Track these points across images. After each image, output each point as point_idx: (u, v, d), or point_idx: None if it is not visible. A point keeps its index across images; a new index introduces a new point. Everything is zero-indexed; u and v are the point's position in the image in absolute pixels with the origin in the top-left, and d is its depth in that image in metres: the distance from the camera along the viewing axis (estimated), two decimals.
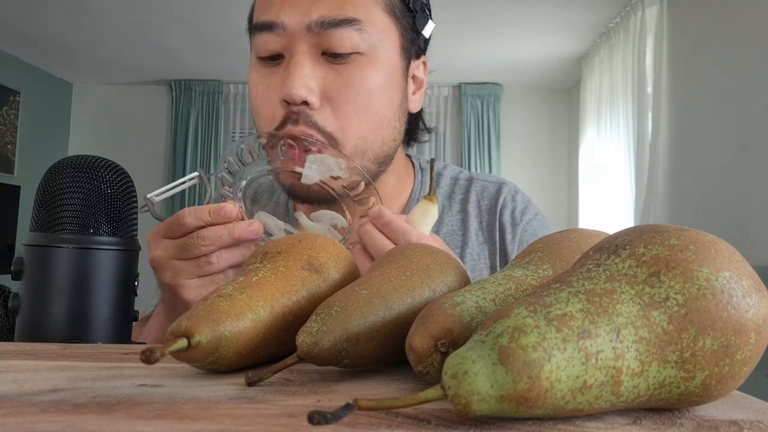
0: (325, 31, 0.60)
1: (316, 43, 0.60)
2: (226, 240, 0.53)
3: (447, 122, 4.79)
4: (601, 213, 3.50)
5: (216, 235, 0.53)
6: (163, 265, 0.54)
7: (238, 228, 0.54)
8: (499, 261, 0.74)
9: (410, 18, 0.67)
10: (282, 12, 0.60)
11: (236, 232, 0.54)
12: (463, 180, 0.80)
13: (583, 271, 0.24)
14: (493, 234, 0.75)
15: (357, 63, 0.61)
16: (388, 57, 0.64)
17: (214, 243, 0.53)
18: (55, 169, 0.44)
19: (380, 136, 0.64)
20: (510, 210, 0.76)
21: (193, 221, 0.53)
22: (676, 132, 2.69)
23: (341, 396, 0.27)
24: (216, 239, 0.53)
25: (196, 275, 0.54)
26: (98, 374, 0.29)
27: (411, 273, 0.32)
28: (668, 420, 0.24)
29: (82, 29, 3.76)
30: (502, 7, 3.25)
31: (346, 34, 0.60)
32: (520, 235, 0.74)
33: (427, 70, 0.74)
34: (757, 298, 0.23)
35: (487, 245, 0.75)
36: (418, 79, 0.72)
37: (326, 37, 0.60)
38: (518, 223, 0.75)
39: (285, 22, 0.60)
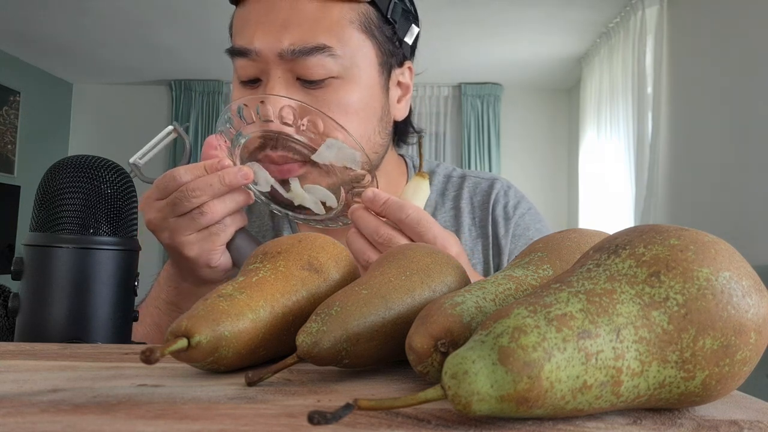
0: (297, 59, 0.60)
1: (290, 68, 0.61)
2: (217, 188, 0.53)
3: (447, 122, 4.79)
4: (601, 213, 3.50)
5: (206, 184, 0.53)
6: (159, 226, 0.55)
7: (228, 174, 0.54)
8: (492, 255, 0.74)
9: (389, 29, 0.66)
10: (255, 38, 0.60)
11: (227, 178, 0.53)
12: (456, 177, 0.80)
13: (583, 271, 0.24)
14: (486, 229, 0.75)
15: (332, 86, 0.61)
16: (365, 75, 0.64)
17: (205, 193, 0.53)
18: (55, 169, 0.44)
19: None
20: (503, 204, 0.76)
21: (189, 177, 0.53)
22: (676, 132, 2.69)
23: (341, 396, 0.27)
24: (206, 188, 0.53)
25: (193, 230, 0.54)
26: (98, 374, 0.29)
27: (411, 273, 0.32)
28: (668, 420, 0.24)
29: (82, 29, 3.76)
30: (502, 7, 3.25)
31: (318, 61, 0.60)
32: (513, 228, 0.74)
33: (413, 73, 0.73)
34: (757, 298, 0.23)
35: (480, 240, 0.75)
36: (403, 85, 0.71)
37: (299, 64, 0.60)
38: (511, 217, 0.75)
39: (258, 49, 0.60)
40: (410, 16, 0.70)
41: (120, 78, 4.83)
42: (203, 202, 0.53)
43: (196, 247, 0.55)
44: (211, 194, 0.53)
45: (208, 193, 0.53)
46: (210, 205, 0.53)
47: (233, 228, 0.56)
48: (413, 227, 0.51)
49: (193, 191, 0.53)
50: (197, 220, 0.53)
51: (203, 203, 0.53)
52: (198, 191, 0.53)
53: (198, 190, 0.53)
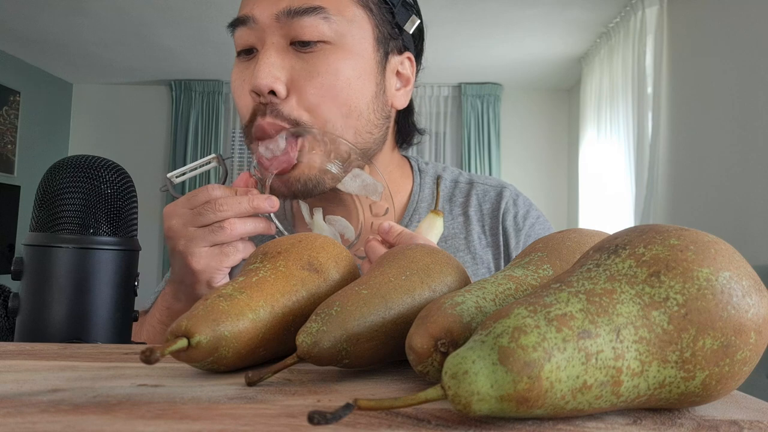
0: (292, 20, 0.61)
1: (285, 33, 0.62)
2: (243, 207, 0.56)
3: (447, 122, 4.79)
4: (601, 213, 3.50)
5: (235, 202, 0.55)
6: (177, 233, 0.56)
7: (257, 198, 0.56)
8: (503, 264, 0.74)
9: (387, 11, 0.68)
10: (254, 6, 0.63)
11: (254, 201, 0.56)
12: (463, 183, 0.80)
13: (583, 271, 0.24)
14: (496, 238, 0.75)
15: (324, 51, 0.63)
16: (359, 47, 0.65)
17: (230, 209, 0.55)
18: (55, 169, 0.44)
19: (352, 125, 0.65)
20: (513, 215, 0.76)
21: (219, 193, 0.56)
22: (676, 132, 2.69)
23: (341, 396, 0.27)
24: (234, 205, 0.55)
25: (208, 243, 0.56)
26: (98, 374, 0.29)
27: (411, 273, 0.32)
28: (668, 420, 0.24)
29: (82, 29, 3.76)
30: (502, 7, 3.25)
31: (312, 21, 0.61)
32: (524, 239, 0.74)
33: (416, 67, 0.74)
34: (757, 298, 0.23)
35: (490, 249, 0.75)
36: (403, 76, 0.72)
37: (293, 26, 0.61)
38: (521, 228, 0.75)
39: (255, 15, 0.62)
40: (410, 8, 0.71)
41: (120, 78, 4.83)
42: (226, 217, 0.55)
43: (203, 262, 0.56)
44: (236, 212, 0.55)
45: (234, 210, 0.55)
46: (230, 222, 0.55)
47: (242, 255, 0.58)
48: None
49: (220, 205, 0.55)
50: (215, 233, 0.55)
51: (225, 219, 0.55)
52: (225, 206, 0.55)
53: (225, 205, 0.55)
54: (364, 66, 0.65)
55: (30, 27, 3.75)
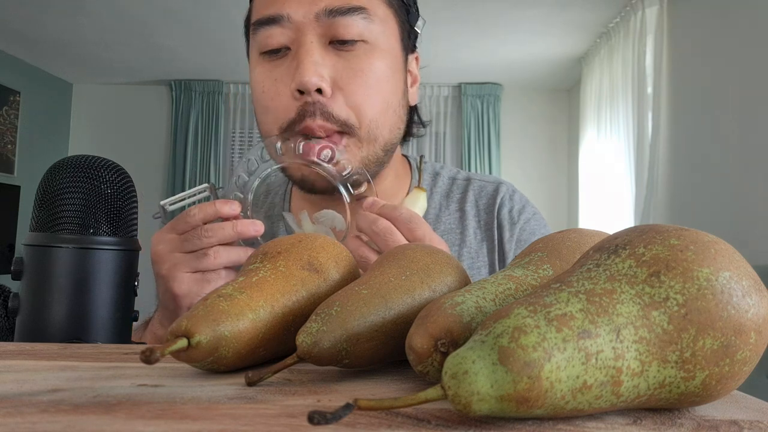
0: (333, 19, 0.61)
1: (324, 32, 0.62)
2: (228, 233, 0.55)
3: (447, 122, 4.79)
4: (601, 213, 3.50)
5: (219, 228, 0.55)
6: (163, 258, 0.56)
7: (241, 224, 0.56)
8: (497, 258, 0.75)
9: (404, 12, 0.69)
10: (287, 5, 0.62)
11: (239, 227, 0.56)
12: (460, 180, 0.81)
13: (583, 271, 0.24)
14: (491, 232, 0.76)
15: (363, 50, 0.63)
16: (390, 46, 0.66)
17: (215, 235, 0.55)
18: (55, 169, 0.44)
19: (389, 121, 0.66)
20: (508, 209, 0.76)
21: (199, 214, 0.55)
22: (676, 132, 2.69)
23: (341, 396, 0.27)
24: (218, 231, 0.55)
25: (191, 268, 0.56)
26: (98, 374, 0.29)
27: (411, 273, 0.32)
28: (668, 420, 0.24)
29: (82, 29, 3.76)
30: (502, 7, 3.25)
31: (353, 21, 0.62)
32: (518, 234, 0.75)
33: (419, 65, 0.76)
34: (757, 298, 0.23)
35: (485, 243, 0.75)
36: (412, 74, 0.74)
37: (334, 25, 0.62)
38: (516, 222, 0.76)
39: (291, 14, 0.62)
40: (417, 10, 0.73)
41: (120, 78, 4.83)
42: (211, 244, 0.55)
43: (185, 287, 0.56)
44: (221, 238, 0.55)
45: (218, 237, 0.55)
46: (215, 250, 0.55)
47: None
48: (405, 224, 0.54)
49: (205, 231, 0.55)
50: (199, 259, 0.55)
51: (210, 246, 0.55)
52: (210, 232, 0.55)
53: (210, 231, 0.55)
54: (395, 64, 0.67)
55: (30, 27, 3.75)
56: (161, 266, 0.56)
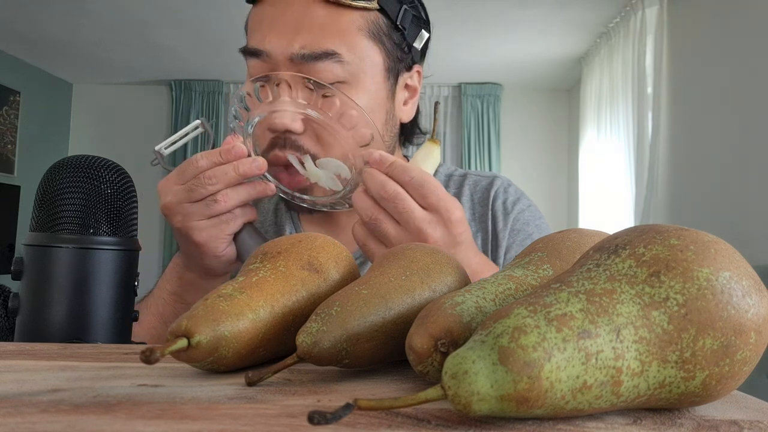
0: (306, 63, 0.61)
1: (298, 71, 0.62)
2: (231, 176, 0.55)
3: (447, 122, 4.79)
4: (601, 213, 3.50)
5: (222, 173, 0.55)
6: (173, 210, 0.56)
7: (243, 164, 0.56)
8: (491, 249, 0.75)
9: (398, 36, 0.68)
10: (267, 41, 0.62)
11: (241, 168, 0.56)
12: (457, 176, 0.81)
13: (583, 271, 0.24)
14: (485, 224, 0.76)
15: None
16: (370, 81, 0.65)
17: (220, 181, 0.55)
18: (55, 169, 0.44)
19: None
20: (502, 200, 0.77)
21: (205, 163, 0.55)
22: (676, 132, 2.69)
23: (341, 396, 0.27)
24: (222, 176, 0.55)
25: (204, 216, 0.56)
26: (98, 374, 0.29)
27: (411, 273, 0.32)
28: (668, 420, 0.24)
29: (82, 29, 3.76)
30: (502, 7, 3.25)
31: (326, 66, 0.61)
32: (511, 223, 0.75)
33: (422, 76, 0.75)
34: (757, 298, 0.23)
35: (480, 234, 0.76)
36: (411, 87, 0.73)
37: (307, 68, 0.61)
38: (510, 212, 0.76)
39: (269, 51, 0.62)
40: (421, 22, 0.71)
41: (120, 78, 4.83)
42: (218, 189, 0.55)
43: (205, 234, 0.56)
44: (226, 182, 0.55)
45: (223, 182, 0.55)
46: (223, 194, 0.55)
47: (242, 219, 0.58)
48: (417, 189, 0.52)
49: (209, 179, 0.55)
50: (210, 206, 0.55)
51: (217, 191, 0.55)
52: (214, 179, 0.55)
53: (214, 177, 0.55)
54: (376, 99, 0.66)
55: (30, 27, 3.75)
56: (174, 218, 0.57)
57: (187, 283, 0.63)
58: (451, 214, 0.52)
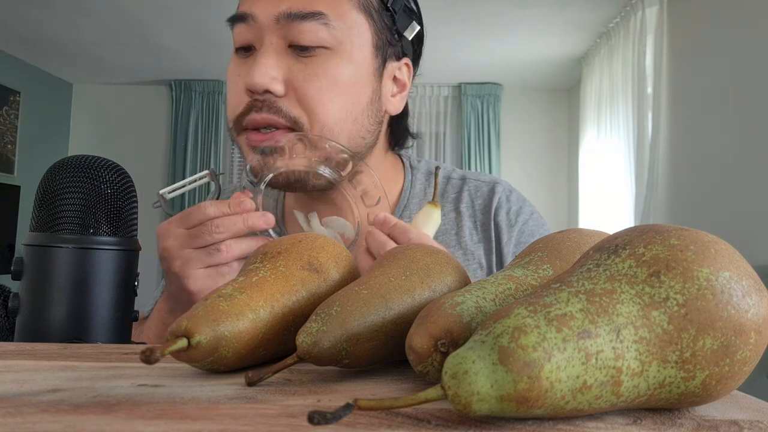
0: (291, 23, 0.61)
1: (284, 35, 0.62)
2: (239, 228, 0.55)
3: (447, 122, 4.79)
4: (601, 213, 3.50)
5: (230, 223, 0.55)
6: (173, 254, 0.56)
7: (252, 217, 0.56)
8: (495, 261, 0.74)
9: (388, 17, 0.68)
10: (254, 4, 0.62)
11: (250, 220, 0.55)
12: (455, 179, 0.80)
13: (583, 271, 0.24)
14: (488, 234, 0.75)
15: (323, 56, 0.63)
16: (357, 53, 0.65)
17: (227, 230, 0.55)
18: (55, 169, 0.44)
19: (346, 130, 0.65)
20: (505, 211, 0.75)
21: (213, 211, 0.55)
22: (676, 132, 2.69)
23: (341, 396, 0.27)
24: (229, 226, 0.55)
25: (204, 264, 0.55)
26: (98, 374, 0.29)
27: (411, 273, 0.32)
28: (668, 420, 0.24)
29: (82, 29, 3.76)
30: (502, 7, 3.25)
31: (311, 27, 0.61)
32: (516, 236, 0.74)
33: (413, 73, 0.74)
34: (757, 298, 0.23)
35: (482, 244, 0.74)
36: (399, 81, 0.72)
37: (293, 29, 0.61)
38: (514, 224, 0.75)
39: (255, 14, 0.62)
40: (412, 14, 0.71)
41: (120, 78, 4.83)
42: (223, 239, 0.55)
43: (200, 283, 0.55)
44: (233, 233, 0.55)
45: (230, 232, 0.55)
46: (227, 244, 0.55)
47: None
48: None
49: (216, 227, 0.54)
50: (212, 255, 0.55)
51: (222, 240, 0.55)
52: (221, 227, 0.54)
53: (221, 226, 0.54)
54: (361, 72, 0.65)
55: (30, 27, 3.75)
56: (173, 263, 0.56)
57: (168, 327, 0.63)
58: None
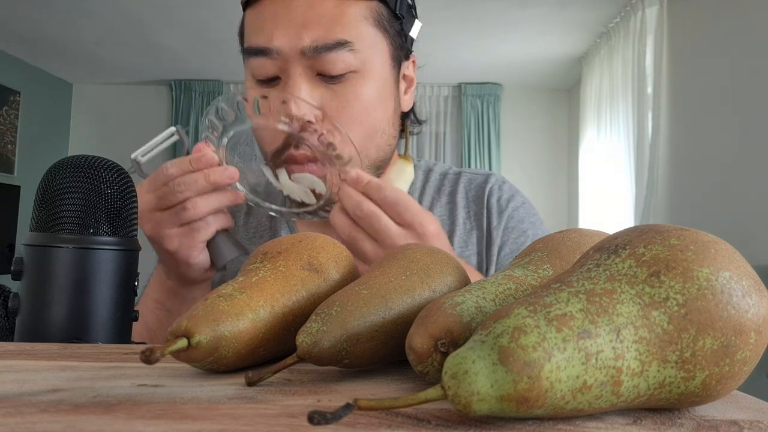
0: (318, 55, 0.61)
1: (311, 65, 0.62)
2: (201, 185, 0.54)
3: (447, 122, 4.79)
4: (601, 213, 3.50)
5: (192, 181, 0.54)
6: (144, 218, 0.56)
7: (214, 173, 0.55)
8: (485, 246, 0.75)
9: (398, 24, 0.69)
10: (275, 38, 0.62)
11: (211, 176, 0.55)
12: (452, 174, 0.82)
13: (583, 271, 0.24)
14: (480, 221, 0.76)
15: (351, 81, 0.63)
16: (380, 69, 0.66)
17: (189, 189, 0.54)
18: (55, 169, 0.44)
19: (375, 144, 0.67)
20: (496, 197, 0.77)
21: (175, 171, 0.54)
22: (676, 132, 2.69)
23: (341, 396, 0.27)
24: (191, 184, 0.54)
25: (174, 224, 0.55)
26: (98, 374, 0.29)
27: (411, 273, 0.32)
28: (668, 420, 0.24)
29: (82, 29, 3.76)
30: (502, 6, 3.25)
31: (338, 56, 0.62)
32: (506, 221, 0.75)
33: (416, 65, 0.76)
34: (757, 298, 0.23)
35: (474, 232, 0.76)
36: (408, 78, 0.74)
37: (320, 60, 0.62)
38: (504, 209, 0.76)
39: (279, 48, 0.62)
40: (413, 10, 0.73)
41: (120, 78, 4.83)
42: (187, 197, 0.54)
43: (176, 241, 0.56)
44: (196, 191, 0.54)
45: (193, 190, 0.54)
46: (193, 201, 0.55)
47: (215, 227, 0.57)
48: (392, 206, 0.53)
49: (178, 186, 0.54)
50: (180, 214, 0.55)
51: (187, 199, 0.54)
52: (183, 186, 0.54)
53: (183, 185, 0.54)
54: (385, 86, 0.67)
55: (30, 27, 3.75)
56: (145, 226, 0.56)
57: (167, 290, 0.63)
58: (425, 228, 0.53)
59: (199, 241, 0.56)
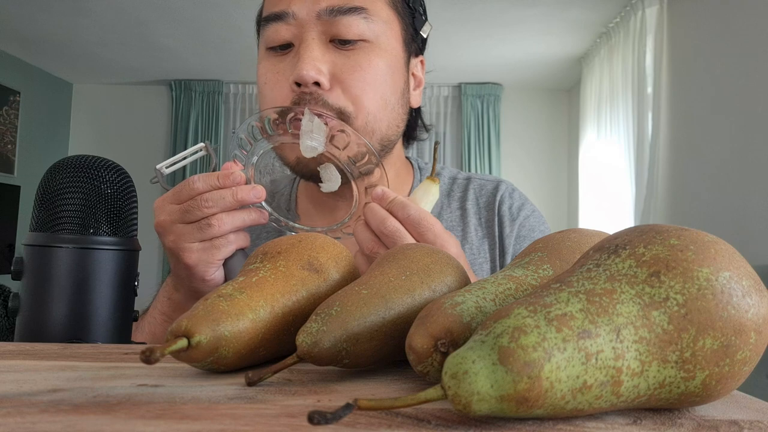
0: (334, 19, 0.63)
1: (325, 30, 0.64)
2: (228, 202, 0.55)
3: (447, 122, 4.79)
4: (601, 213, 3.50)
5: (219, 197, 0.54)
6: (167, 229, 0.56)
7: (241, 191, 0.55)
8: (498, 254, 0.76)
9: (410, 15, 0.71)
10: (292, 3, 0.64)
11: (239, 194, 0.55)
12: (461, 179, 0.83)
13: (583, 271, 0.24)
14: (492, 229, 0.77)
15: (363, 49, 0.65)
16: (392, 46, 0.68)
17: (216, 205, 0.54)
18: (55, 169, 0.44)
19: (386, 118, 0.67)
20: (508, 205, 0.78)
21: (202, 186, 0.55)
22: (676, 132, 2.69)
23: (341, 396, 0.27)
24: (219, 201, 0.54)
25: (197, 239, 0.55)
26: (98, 374, 0.29)
27: (411, 273, 0.32)
28: (668, 420, 0.24)
29: (82, 29, 3.76)
30: (501, 7, 3.25)
31: (353, 21, 0.64)
32: (517, 230, 0.76)
33: (425, 69, 0.77)
34: (757, 298, 0.23)
35: (486, 240, 0.77)
36: (416, 77, 0.75)
37: (335, 24, 0.63)
38: (516, 218, 0.77)
39: (295, 12, 0.64)
40: (425, 15, 0.75)
41: (120, 78, 4.83)
42: (213, 213, 0.54)
43: (195, 256, 0.55)
44: (222, 207, 0.55)
45: (219, 206, 0.54)
46: (218, 218, 0.55)
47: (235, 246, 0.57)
48: (415, 226, 0.53)
49: (205, 201, 0.54)
50: (203, 230, 0.55)
51: (212, 215, 0.54)
52: (210, 202, 0.54)
53: (210, 201, 0.54)
54: (395, 63, 0.68)
55: (30, 27, 3.75)
56: (166, 237, 0.56)
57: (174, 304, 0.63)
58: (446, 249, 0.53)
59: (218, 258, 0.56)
